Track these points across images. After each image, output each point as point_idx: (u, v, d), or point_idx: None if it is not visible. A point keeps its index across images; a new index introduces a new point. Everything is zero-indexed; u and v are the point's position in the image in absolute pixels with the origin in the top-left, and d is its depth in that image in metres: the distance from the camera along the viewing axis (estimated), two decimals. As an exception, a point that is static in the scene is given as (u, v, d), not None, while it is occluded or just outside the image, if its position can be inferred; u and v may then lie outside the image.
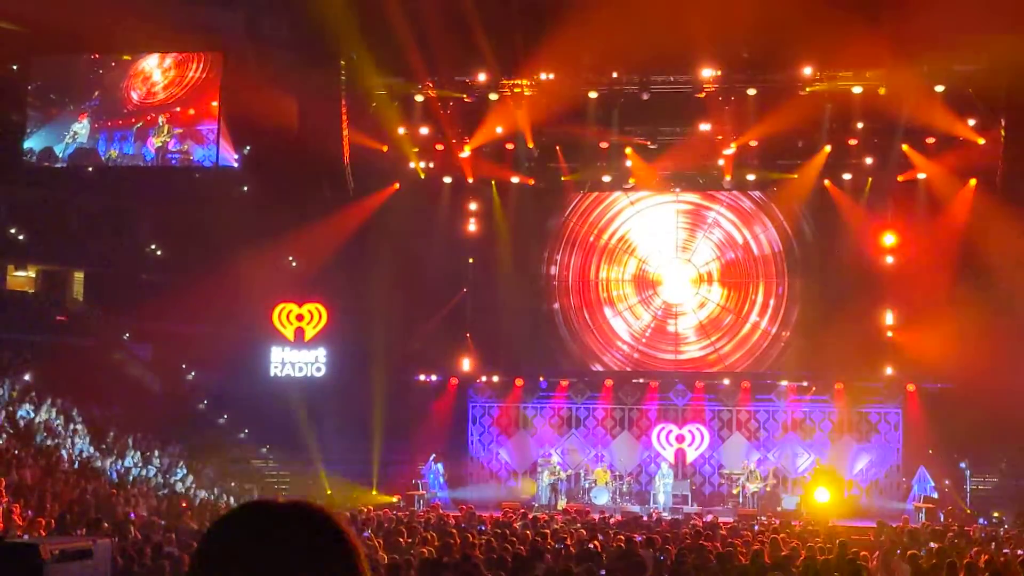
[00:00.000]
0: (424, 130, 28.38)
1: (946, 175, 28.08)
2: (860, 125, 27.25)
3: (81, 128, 29.73)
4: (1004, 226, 27.08)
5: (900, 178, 28.72)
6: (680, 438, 29.56)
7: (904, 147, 27.72)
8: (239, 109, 28.04)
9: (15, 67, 29.60)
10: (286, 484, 30.73)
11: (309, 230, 31.29)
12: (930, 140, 27.29)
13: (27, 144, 29.57)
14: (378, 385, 28.94)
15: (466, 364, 30.73)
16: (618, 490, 28.26)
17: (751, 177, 29.52)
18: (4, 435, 24.63)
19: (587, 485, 28.44)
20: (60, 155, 30.00)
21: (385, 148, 28.12)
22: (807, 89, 25.59)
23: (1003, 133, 25.55)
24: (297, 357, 31.57)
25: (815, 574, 13.17)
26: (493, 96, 26.83)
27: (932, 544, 17.11)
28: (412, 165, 29.38)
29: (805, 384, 29.48)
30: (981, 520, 24.24)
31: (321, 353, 31.53)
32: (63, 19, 27.78)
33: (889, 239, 29.38)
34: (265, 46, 28.04)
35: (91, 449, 26.34)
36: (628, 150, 28.87)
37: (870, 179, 28.99)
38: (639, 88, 26.35)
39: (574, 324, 31.05)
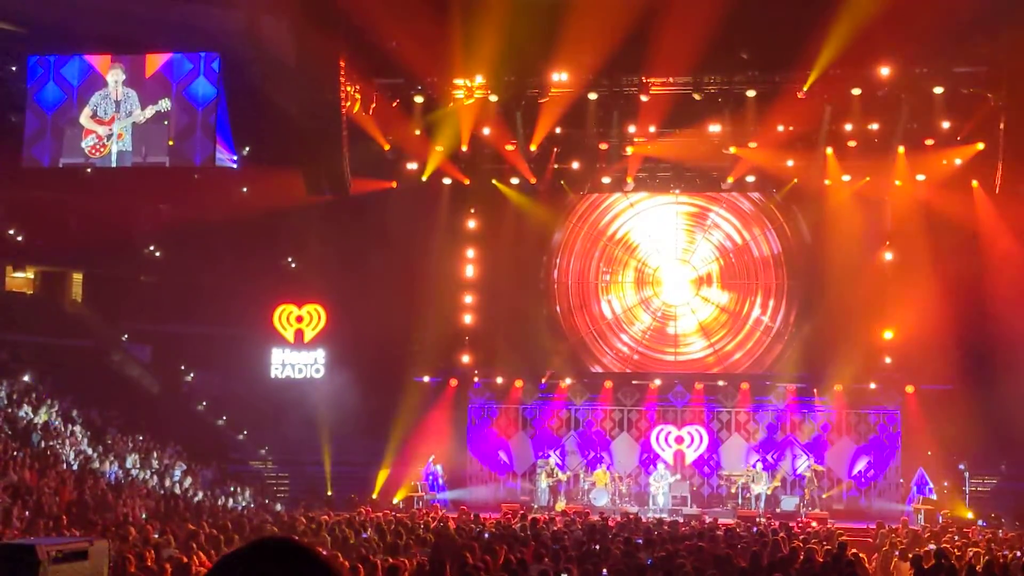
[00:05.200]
0: (423, 131, 28.30)
1: (945, 177, 28.05)
2: (859, 127, 27.19)
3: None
4: (1003, 228, 27.10)
5: (897, 181, 28.68)
6: (679, 439, 29.57)
7: (900, 149, 27.69)
8: (238, 110, 28.02)
9: (13, 68, 29.56)
10: (285, 486, 30.74)
11: (308, 231, 31.31)
12: (929, 142, 27.26)
13: (35, 151, 28.97)
14: (377, 386, 28.93)
15: (465, 365, 30.71)
16: (617, 491, 28.26)
17: (750, 179, 29.50)
18: (3, 436, 24.62)
19: (586, 486, 28.44)
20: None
21: (387, 147, 28.11)
22: (805, 87, 25.55)
23: (1002, 136, 25.51)
24: (297, 359, 31.58)
25: None
26: (493, 98, 26.81)
27: (931, 546, 17.10)
28: (412, 166, 29.35)
29: (804, 386, 29.47)
30: (981, 522, 24.23)
31: (320, 354, 31.54)
32: (60, 18, 27.77)
33: (888, 241, 29.39)
34: (264, 46, 27.99)
35: (90, 450, 26.33)
36: (628, 152, 28.85)
37: (869, 180, 28.93)
38: (639, 90, 26.32)
39: (574, 325, 31.04)
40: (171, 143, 27.98)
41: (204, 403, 33.88)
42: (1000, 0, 22.71)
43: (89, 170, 29.00)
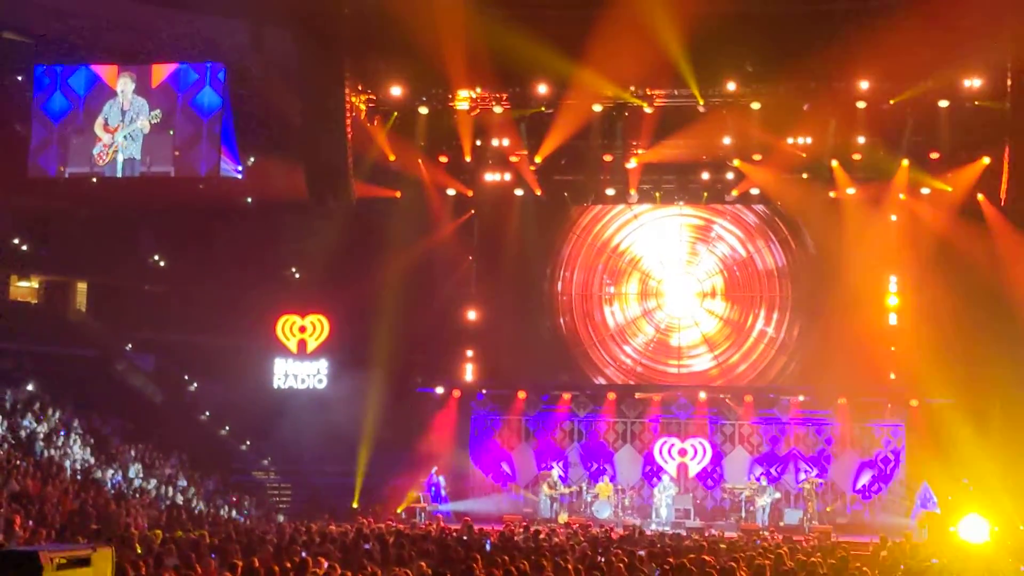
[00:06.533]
0: (427, 142, 28.34)
1: (950, 191, 28.05)
2: (864, 140, 27.22)
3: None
4: (1008, 241, 27.06)
5: (902, 195, 28.69)
6: (682, 452, 29.53)
7: (905, 163, 27.70)
8: (243, 120, 28.10)
9: (19, 78, 29.65)
10: (287, 496, 30.70)
11: (312, 241, 31.32)
12: (934, 155, 27.27)
13: (41, 160, 29.01)
14: (380, 397, 28.92)
15: (468, 376, 30.70)
16: (620, 504, 28.22)
17: (755, 191, 29.49)
18: (5, 445, 24.59)
19: (589, 499, 28.40)
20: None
21: (393, 157, 28.15)
22: (810, 100, 25.57)
23: (1008, 149, 25.52)
24: (300, 369, 31.59)
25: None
26: (497, 109, 26.85)
27: (934, 560, 17.02)
28: (416, 176, 29.38)
29: (808, 399, 29.42)
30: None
31: (323, 365, 31.55)
32: (67, 29, 27.85)
33: (893, 254, 29.35)
34: (269, 57, 28.08)
35: (92, 460, 26.30)
36: (632, 164, 28.85)
37: (874, 193, 28.93)
38: (643, 102, 26.33)
39: (577, 337, 31.01)
40: (177, 153, 28.08)
41: (207, 413, 33.87)
42: (1004, 12, 22.69)
43: (95, 179, 29.07)
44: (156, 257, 36.39)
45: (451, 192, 30.34)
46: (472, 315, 30.92)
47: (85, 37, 29.21)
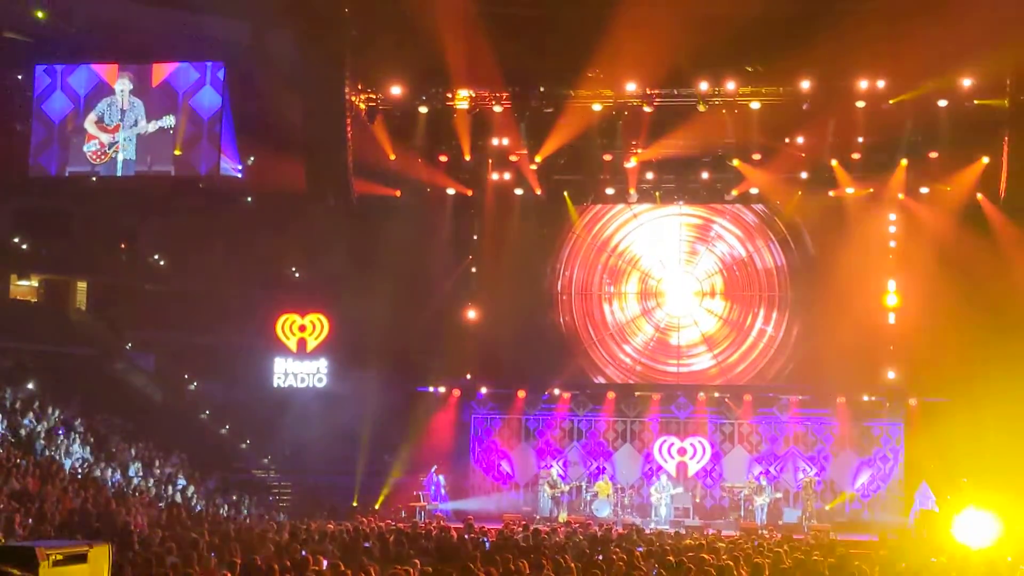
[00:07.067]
0: (427, 141, 28.36)
1: (948, 190, 28.08)
2: (864, 140, 27.26)
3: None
4: (1007, 242, 27.09)
5: (900, 195, 28.72)
6: (682, 451, 29.56)
7: (903, 162, 27.73)
8: (243, 119, 28.12)
9: (19, 77, 29.66)
10: (287, 495, 30.72)
11: (312, 240, 31.33)
12: (933, 155, 27.29)
13: (42, 159, 28.96)
14: (380, 396, 28.94)
15: (468, 376, 30.70)
16: (620, 502, 28.25)
17: (754, 191, 29.50)
18: (5, 443, 24.61)
19: (589, 497, 28.43)
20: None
21: (393, 156, 28.17)
22: (809, 100, 25.61)
23: (1006, 148, 25.55)
24: (300, 368, 31.60)
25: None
26: (497, 108, 26.87)
27: (933, 559, 17.04)
28: (416, 175, 29.40)
29: (807, 398, 29.44)
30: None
31: (323, 364, 31.56)
32: (67, 28, 27.86)
33: (891, 254, 29.37)
34: (270, 56, 28.09)
35: (92, 459, 26.32)
36: (632, 163, 28.87)
37: (873, 192, 28.97)
38: (642, 101, 26.34)
39: (577, 336, 31.02)
40: (178, 152, 28.10)
41: (207, 412, 33.89)
42: (1002, 10, 22.74)
43: (95, 179, 29.09)
44: (156, 256, 36.40)
45: (451, 191, 30.34)
46: (472, 314, 30.93)
47: (85, 36, 29.22)
